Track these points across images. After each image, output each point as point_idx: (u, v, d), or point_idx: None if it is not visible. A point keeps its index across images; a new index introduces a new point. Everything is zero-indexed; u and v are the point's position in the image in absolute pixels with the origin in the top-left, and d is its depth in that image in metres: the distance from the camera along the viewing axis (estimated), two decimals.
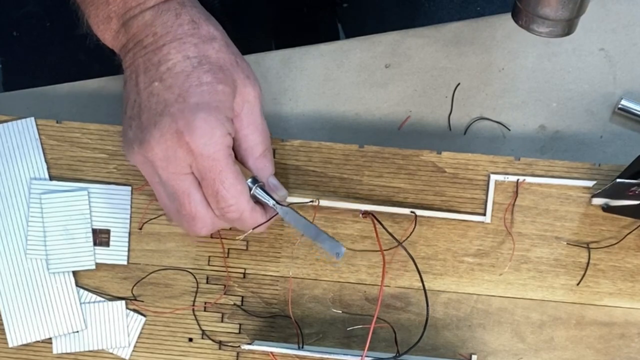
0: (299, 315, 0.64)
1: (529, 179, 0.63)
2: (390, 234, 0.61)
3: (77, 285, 0.65)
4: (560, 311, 0.63)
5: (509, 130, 0.68)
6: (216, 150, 0.55)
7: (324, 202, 0.63)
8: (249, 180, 0.58)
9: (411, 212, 0.62)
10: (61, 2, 0.62)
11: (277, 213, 0.59)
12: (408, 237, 0.63)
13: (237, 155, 0.59)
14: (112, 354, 0.65)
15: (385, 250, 0.62)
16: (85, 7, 0.59)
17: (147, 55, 0.56)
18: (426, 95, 0.69)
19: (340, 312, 0.64)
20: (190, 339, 0.65)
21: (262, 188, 0.59)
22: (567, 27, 0.53)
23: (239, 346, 0.64)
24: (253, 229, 0.59)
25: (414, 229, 0.63)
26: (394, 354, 0.60)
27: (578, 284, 0.63)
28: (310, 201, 0.62)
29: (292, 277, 0.64)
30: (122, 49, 0.58)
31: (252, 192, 0.58)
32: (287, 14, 1.04)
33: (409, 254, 0.60)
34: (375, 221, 0.61)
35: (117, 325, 0.64)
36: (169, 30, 0.56)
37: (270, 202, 0.59)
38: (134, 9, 0.56)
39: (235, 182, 0.56)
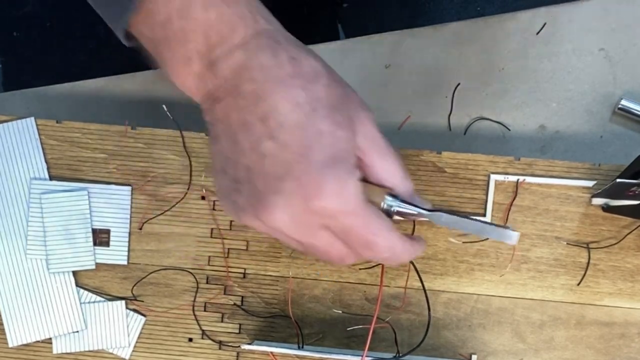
0: (299, 315, 0.64)
1: (529, 179, 0.62)
2: None
3: (77, 285, 0.65)
4: (560, 311, 0.63)
5: (509, 130, 0.68)
6: (355, 205, 0.48)
7: None
8: (387, 198, 0.51)
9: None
10: (61, 2, 0.62)
11: (426, 221, 0.53)
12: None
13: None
14: (112, 354, 0.65)
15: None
16: (160, 51, 0.49)
17: (248, 108, 0.47)
18: (426, 95, 0.69)
19: (340, 312, 0.64)
20: (190, 339, 0.65)
21: (402, 200, 0.52)
22: None
23: (239, 346, 0.64)
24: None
25: (412, 234, 0.63)
26: (394, 354, 0.60)
27: (578, 284, 0.63)
28: None
29: (292, 277, 0.64)
30: (208, 97, 0.48)
31: (394, 209, 0.52)
32: (287, 14, 1.04)
33: (414, 267, 0.60)
34: None
35: (117, 325, 0.64)
36: (268, 74, 0.47)
37: (417, 211, 0.52)
38: (219, 46, 0.47)
39: (380, 224, 0.49)
